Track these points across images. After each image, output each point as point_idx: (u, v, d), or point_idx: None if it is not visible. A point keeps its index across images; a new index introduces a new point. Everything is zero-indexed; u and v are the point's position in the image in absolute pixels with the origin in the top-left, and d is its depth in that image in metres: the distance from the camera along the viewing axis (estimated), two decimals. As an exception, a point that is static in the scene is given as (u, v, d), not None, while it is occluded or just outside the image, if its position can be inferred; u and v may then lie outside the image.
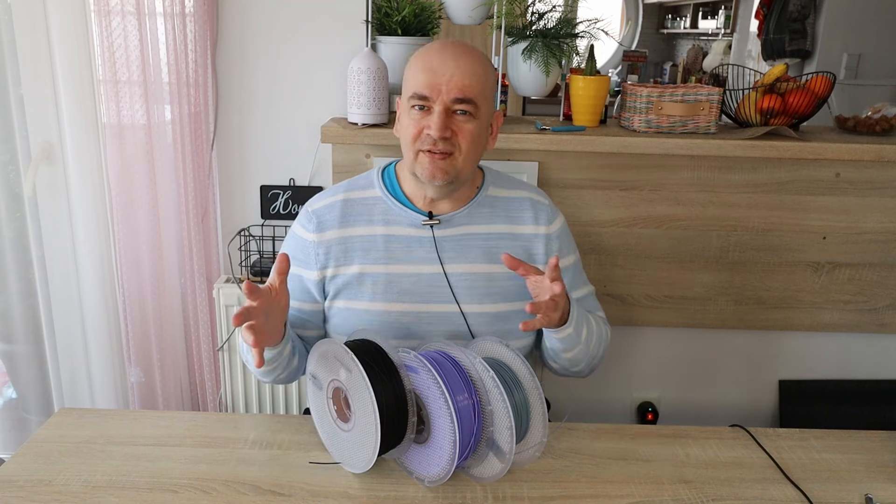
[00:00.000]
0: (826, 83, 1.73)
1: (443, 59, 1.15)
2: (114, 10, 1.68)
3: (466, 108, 1.15)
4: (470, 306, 1.23)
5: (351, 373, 1.00)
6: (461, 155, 1.17)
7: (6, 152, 1.85)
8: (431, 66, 1.15)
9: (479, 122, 1.18)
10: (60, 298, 1.89)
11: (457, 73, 1.14)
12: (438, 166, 1.16)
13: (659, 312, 1.88)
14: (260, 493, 1.00)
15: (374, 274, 1.23)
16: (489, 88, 1.19)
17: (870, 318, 1.89)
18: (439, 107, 1.14)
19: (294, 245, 1.27)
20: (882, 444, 1.17)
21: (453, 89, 1.14)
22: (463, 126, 1.16)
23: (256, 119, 1.89)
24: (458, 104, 1.15)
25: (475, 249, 1.25)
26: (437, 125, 1.14)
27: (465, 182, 1.23)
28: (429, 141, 1.15)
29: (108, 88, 1.73)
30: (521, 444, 1.05)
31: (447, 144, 1.15)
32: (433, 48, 1.18)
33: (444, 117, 1.14)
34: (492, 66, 1.22)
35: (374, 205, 1.26)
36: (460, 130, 1.16)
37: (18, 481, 1.01)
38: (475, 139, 1.18)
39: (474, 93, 1.15)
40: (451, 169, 1.17)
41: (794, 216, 1.79)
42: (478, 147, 1.20)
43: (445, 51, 1.16)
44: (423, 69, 1.15)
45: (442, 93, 1.14)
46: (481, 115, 1.18)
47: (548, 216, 1.30)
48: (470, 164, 1.20)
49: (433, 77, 1.14)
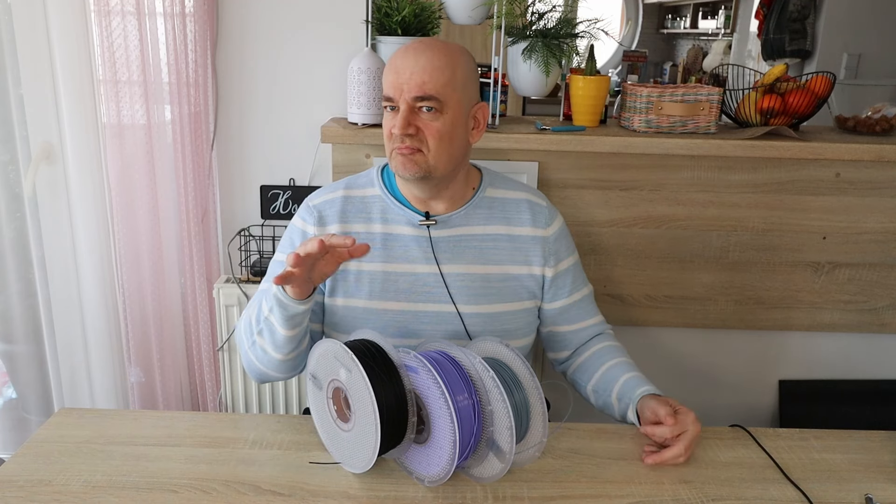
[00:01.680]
0: (826, 83, 1.73)
1: (404, 58, 1.16)
2: (114, 10, 1.68)
3: (430, 105, 1.15)
4: (466, 306, 1.24)
5: (351, 373, 1.00)
6: (430, 151, 1.17)
7: (6, 152, 1.85)
8: (395, 67, 1.17)
9: (448, 116, 1.17)
10: (60, 298, 1.89)
11: (416, 70, 1.14)
12: (409, 159, 1.17)
13: (659, 312, 1.88)
14: (260, 493, 1.00)
15: (371, 272, 1.24)
16: (458, 81, 1.17)
17: (870, 318, 1.89)
18: (403, 105, 1.16)
19: (294, 238, 1.28)
20: (882, 444, 1.17)
21: (413, 87, 1.14)
22: (429, 123, 1.16)
23: (256, 119, 1.89)
24: (419, 101, 1.15)
25: (471, 250, 1.25)
26: (399, 124, 1.15)
27: (445, 177, 1.22)
28: (397, 139, 1.17)
29: (108, 88, 1.74)
30: (521, 444, 1.05)
31: (413, 141, 1.16)
32: (400, 49, 1.19)
33: (407, 115, 1.15)
34: (464, 58, 1.19)
35: (373, 203, 1.27)
36: (426, 127, 1.16)
37: (18, 481, 1.01)
38: (443, 135, 1.17)
39: (435, 89, 1.15)
40: (421, 163, 1.17)
41: (794, 216, 1.79)
42: (452, 142, 1.19)
43: (408, 50, 1.17)
44: (389, 70, 1.17)
45: (403, 91, 1.15)
46: (449, 109, 1.17)
47: (546, 218, 1.31)
48: (444, 160, 1.19)
49: (396, 77, 1.16)
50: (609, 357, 1.30)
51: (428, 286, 1.24)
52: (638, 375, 1.24)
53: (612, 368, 1.28)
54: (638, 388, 1.21)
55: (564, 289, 1.32)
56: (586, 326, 1.37)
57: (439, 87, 1.15)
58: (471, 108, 1.21)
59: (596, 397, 1.30)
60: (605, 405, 1.27)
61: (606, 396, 1.26)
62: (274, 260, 1.31)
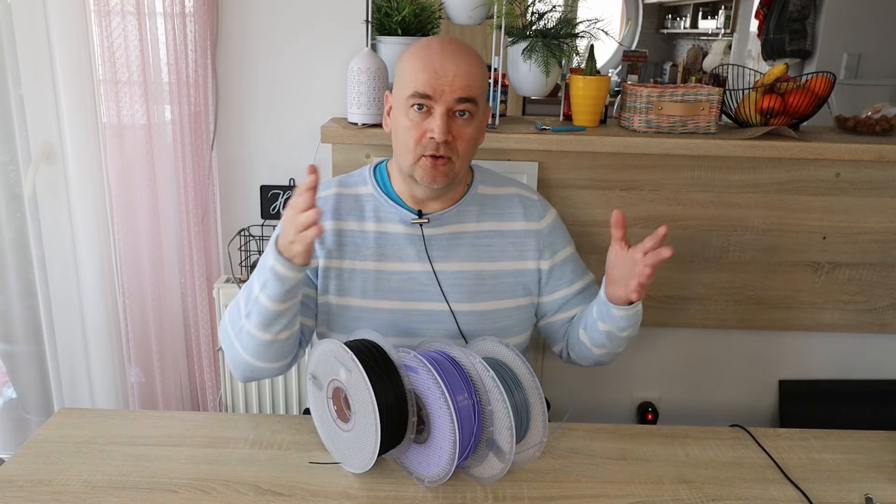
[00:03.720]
0: (826, 83, 1.73)
1: (444, 59, 1.14)
2: (114, 10, 1.68)
3: (467, 108, 1.15)
4: (459, 305, 1.24)
5: (351, 373, 1.00)
6: (459, 160, 1.17)
7: (6, 152, 1.85)
8: (433, 66, 1.14)
9: (477, 122, 1.18)
10: (60, 298, 1.89)
11: (459, 73, 1.14)
12: (440, 171, 1.16)
13: (659, 312, 1.88)
14: (260, 493, 1.00)
15: (364, 270, 1.24)
16: (485, 86, 1.21)
17: (870, 318, 1.89)
18: (441, 107, 1.13)
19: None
20: (882, 444, 1.17)
21: (458, 89, 1.13)
22: (462, 130, 1.16)
23: (256, 119, 1.89)
24: (460, 104, 1.14)
25: (465, 248, 1.26)
26: (440, 129, 1.13)
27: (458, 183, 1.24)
28: (431, 146, 1.15)
29: (108, 88, 1.74)
30: (521, 444, 1.05)
31: (448, 149, 1.15)
32: (432, 48, 1.17)
33: (447, 119, 1.14)
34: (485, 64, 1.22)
35: (366, 201, 1.27)
36: (460, 135, 1.16)
37: (18, 481, 1.01)
38: (472, 142, 1.18)
39: (475, 92, 1.15)
40: (450, 173, 1.18)
41: (794, 216, 1.79)
42: (475, 148, 1.22)
43: (446, 50, 1.15)
44: (424, 68, 1.14)
45: (445, 93, 1.13)
46: (479, 114, 1.18)
47: (538, 211, 1.31)
48: (465, 166, 1.21)
49: (435, 77, 1.13)
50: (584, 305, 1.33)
51: (421, 284, 1.24)
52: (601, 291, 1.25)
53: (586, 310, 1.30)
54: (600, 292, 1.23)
55: (564, 279, 1.33)
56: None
57: (478, 91, 1.16)
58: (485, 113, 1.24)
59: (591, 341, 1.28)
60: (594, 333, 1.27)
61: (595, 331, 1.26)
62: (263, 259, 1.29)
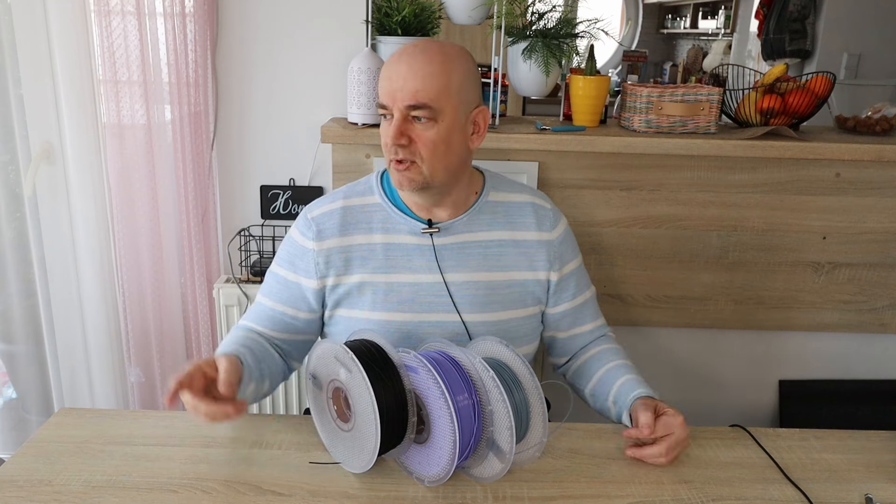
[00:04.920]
0: (826, 83, 1.73)
1: (398, 64, 1.12)
2: (114, 10, 1.68)
3: (422, 115, 1.11)
4: (471, 315, 1.22)
5: (351, 373, 1.00)
6: (424, 163, 1.14)
7: (6, 152, 1.85)
8: (389, 73, 1.13)
9: (443, 125, 1.13)
10: (60, 298, 1.89)
11: (409, 77, 1.10)
12: (404, 175, 1.15)
13: (659, 312, 1.88)
14: (260, 493, 1.00)
15: (374, 283, 1.21)
16: (452, 87, 1.12)
17: (870, 318, 1.89)
18: (396, 114, 1.12)
19: (293, 252, 1.25)
20: (882, 444, 1.17)
21: (406, 96, 1.10)
22: (422, 134, 1.12)
23: (256, 119, 1.89)
24: (412, 110, 1.11)
25: (475, 258, 1.23)
26: (391, 133, 1.12)
27: (445, 186, 1.19)
28: (392, 151, 1.14)
29: (108, 88, 1.74)
30: (521, 444, 1.05)
31: (405, 152, 1.13)
32: (395, 54, 1.14)
33: (400, 124, 1.11)
34: (460, 61, 1.14)
35: (373, 212, 1.24)
36: (419, 138, 1.12)
37: (18, 481, 1.01)
38: (437, 145, 1.13)
39: (429, 97, 1.10)
40: (416, 177, 1.15)
41: (794, 216, 1.79)
42: (448, 151, 1.15)
43: (402, 56, 1.13)
44: (384, 77, 1.14)
45: (397, 99, 1.11)
46: (444, 117, 1.12)
47: (551, 221, 1.29)
48: (440, 170, 1.15)
49: (389, 84, 1.12)
50: (607, 360, 1.29)
51: (431, 295, 1.21)
52: (634, 378, 1.22)
53: (609, 372, 1.26)
54: (632, 391, 1.19)
55: (568, 292, 1.31)
56: (587, 331, 1.35)
57: (433, 95, 1.10)
58: (470, 113, 1.16)
59: (594, 401, 1.29)
60: (602, 409, 1.27)
61: (603, 400, 1.25)
62: (270, 271, 1.28)
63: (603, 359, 1.30)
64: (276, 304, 1.25)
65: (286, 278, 1.25)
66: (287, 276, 1.25)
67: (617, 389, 1.22)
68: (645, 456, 1.08)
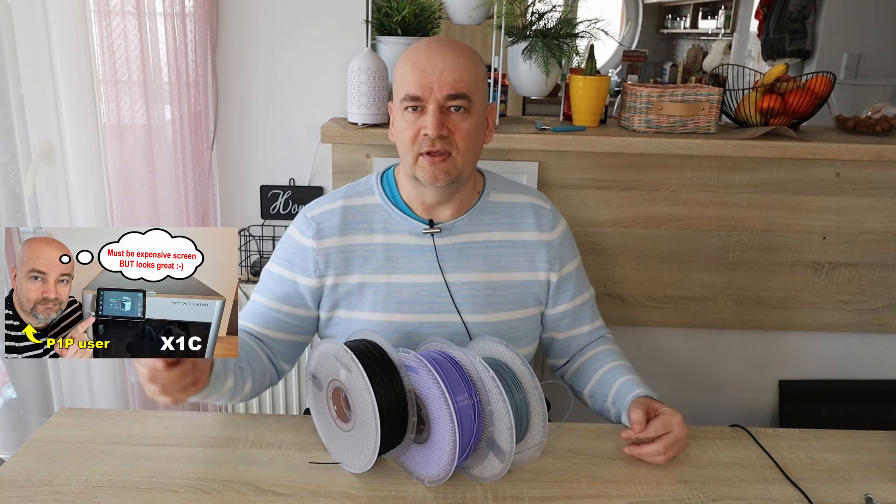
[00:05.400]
0: (826, 83, 1.73)
1: (430, 56, 1.12)
2: (114, 10, 1.68)
3: (461, 104, 1.13)
4: (471, 316, 1.22)
5: (351, 373, 1.00)
6: (460, 154, 1.15)
7: (6, 152, 1.85)
8: (420, 65, 1.12)
9: (475, 117, 1.15)
10: (60, 298, 1.88)
11: (447, 68, 1.11)
12: (439, 168, 1.14)
13: (659, 312, 1.88)
14: (260, 493, 1.00)
15: (374, 284, 1.21)
16: (481, 80, 1.17)
17: (870, 318, 1.89)
18: (433, 105, 1.12)
19: (291, 250, 1.24)
20: (882, 444, 1.17)
21: (445, 85, 1.11)
22: (459, 124, 1.13)
23: (256, 119, 1.89)
24: (451, 100, 1.12)
25: (476, 258, 1.23)
26: (432, 124, 1.11)
27: (465, 182, 1.21)
28: (427, 142, 1.13)
29: (108, 88, 1.73)
30: (521, 444, 1.05)
31: (445, 144, 1.13)
32: (419, 47, 1.15)
33: (439, 115, 1.12)
34: (481, 58, 1.19)
35: (373, 213, 1.23)
36: (457, 129, 1.13)
37: (18, 481, 1.01)
38: (472, 136, 1.15)
39: (467, 86, 1.13)
40: (451, 170, 1.15)
41: (794, 216, 1.79)
42: (476, 144, 1.18)
43: (432, 47, 1.14)
44: (412, 69, 1.13)
45: (434, 90, 1.11)
46: (476, 109, 1.15)
47: (550, 222, 1.29)
48: (470, 163, 1.18)
49: (423, 76, 1.12)
50: (606, 361, 1.29)
51: (432, 296, 1.21)
52: (633, 378, 1.23)
53: (608, 373, 1.26)
54: (630, 391, 1.19)
55: (567, 293, 1.31)
56: (586, 332, 1.35)
57: (470, 85, 1.13)
58: (486, 109, 1.20)
59: (593, 402, 1.29)
60: (601, 410, 1.27)
61: (602, 401, 1.25)
62: (266, 269, 1.27)
63: (602, 360, 1.30)
64: (270, 301, 1.24)
65: (282, 276, 1.24)
66: (283, 273, 1.24)
67: (616, 390, 1.22)
68: (643, 454, 1.09)
